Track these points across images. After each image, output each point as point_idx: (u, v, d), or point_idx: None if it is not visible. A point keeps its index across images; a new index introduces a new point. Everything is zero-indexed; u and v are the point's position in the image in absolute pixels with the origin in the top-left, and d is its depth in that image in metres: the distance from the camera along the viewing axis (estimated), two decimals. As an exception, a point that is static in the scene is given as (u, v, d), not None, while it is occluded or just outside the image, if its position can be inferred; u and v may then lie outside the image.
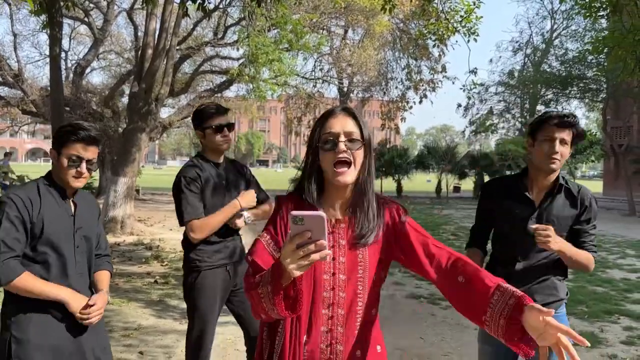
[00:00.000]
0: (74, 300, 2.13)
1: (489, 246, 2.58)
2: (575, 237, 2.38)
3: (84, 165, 2.17)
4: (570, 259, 2.28)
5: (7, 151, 19.63)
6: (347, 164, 1.48)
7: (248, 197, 2.96)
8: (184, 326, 4.96)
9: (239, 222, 2.93)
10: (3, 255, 2.02)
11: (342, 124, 1.49)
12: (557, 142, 2.29)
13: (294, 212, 1.24)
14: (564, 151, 2.31)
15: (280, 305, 1.34)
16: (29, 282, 2.05)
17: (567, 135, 2.30)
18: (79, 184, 2.21)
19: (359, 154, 1.49)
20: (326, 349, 1.51)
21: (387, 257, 1.60)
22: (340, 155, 1.46)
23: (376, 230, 1.54)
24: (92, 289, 2.32)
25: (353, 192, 1.54)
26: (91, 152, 2.20)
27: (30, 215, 2.08)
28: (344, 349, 1.52)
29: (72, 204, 2.25)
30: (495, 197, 2.50)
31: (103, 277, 2.40)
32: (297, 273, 1.28)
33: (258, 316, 1.47)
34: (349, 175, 1.48)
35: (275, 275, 1.34)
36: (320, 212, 1.25)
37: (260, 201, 3.09)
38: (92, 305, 2.15)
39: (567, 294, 2.44)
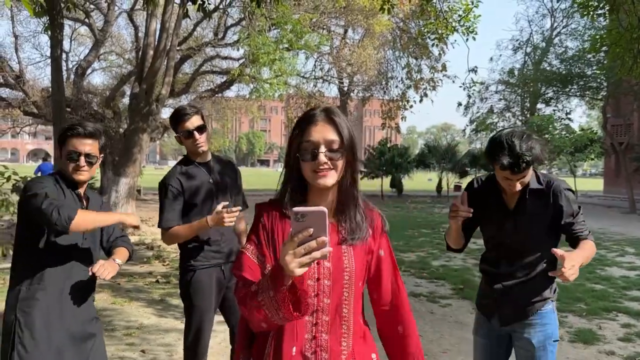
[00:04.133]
0: (128, 217, 2.43)
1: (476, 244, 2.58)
2: (568, 231, 2.35)
3: (82, 159, 2.30)
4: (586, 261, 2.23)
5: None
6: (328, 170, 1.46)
7: (217, 219, 2.76)
8: (185, 325, 5.02)
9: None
10: (57, 204, 2.16)
11: (322, 133, 1.44)
12: (517, 183, 2.26)
13: (296, 209, 1.21)
14: (524, 180, 2.28)
15: (288, 308, 1.28)
16: (88, 216, 2.23)
17: (523, 175, 2.24)
18: (81, 177, 2.34)
19: (340, 162, 1.45)
20: (311, 357, 1.47)
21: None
22: (321, 167, 1.43)
23: (365, 232, 1.52)
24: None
25: (338, 195, 1.51)
26: (89, 146, 2.32)
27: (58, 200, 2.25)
28: (329, 357, 1.48)
29: (83, 197, 2.43)
30: (477, 203, 2.38)
31: (118, 250, 2.54)
32: (299, 272, 1.22)
33: (258, 327, 1.39)
34: (330, 178, 1.44)
35: (276, 279, 1.28)
36: (322, 208, 1.21)
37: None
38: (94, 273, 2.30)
39: (554, 292, 2.44)
